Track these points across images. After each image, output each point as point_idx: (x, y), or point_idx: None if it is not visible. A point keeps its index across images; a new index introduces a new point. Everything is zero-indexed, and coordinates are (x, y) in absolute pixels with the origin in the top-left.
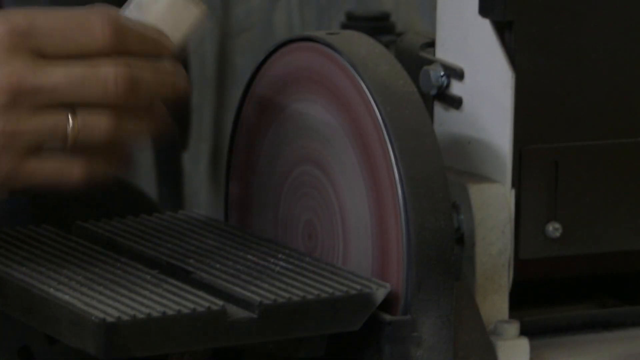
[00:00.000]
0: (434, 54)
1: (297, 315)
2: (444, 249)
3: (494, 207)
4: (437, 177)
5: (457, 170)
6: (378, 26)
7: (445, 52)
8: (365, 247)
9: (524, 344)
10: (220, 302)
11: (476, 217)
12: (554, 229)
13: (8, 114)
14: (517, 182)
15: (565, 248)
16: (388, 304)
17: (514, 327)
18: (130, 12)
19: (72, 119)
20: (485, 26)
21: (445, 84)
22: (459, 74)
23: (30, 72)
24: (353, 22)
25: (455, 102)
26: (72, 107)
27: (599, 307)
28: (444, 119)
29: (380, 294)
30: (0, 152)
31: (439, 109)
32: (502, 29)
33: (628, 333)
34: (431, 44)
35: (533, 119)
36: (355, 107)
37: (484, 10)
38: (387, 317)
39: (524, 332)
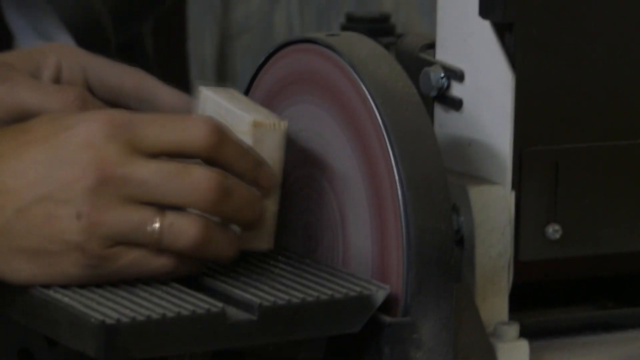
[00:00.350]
0: (434, 56)
1: (296, 317)
2: (444, 250)
3: (494, 208)
4: (437, 179)
5: (457, 172)
6: (378, 27)
7: (445, 53)
8: (365, 248)
9: (523, 346)
10: (220, 304)
11: (476, 219)
12: (554, 230)
13: (94, 199)
14: (517, 183)
15: (565, 250)
16: (388, 305)
17: (513, 329)
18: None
19: (160, 219)
20: (485, 28)
21: (445, 85)
22: (459, 76)
23: (123, 161)
24: (353, 23)
25: (456, 104)
26: (160, 206)
27: (598, 309)
28: (444, 121)
29: (380, 296)
30: (87, 238)
31: (439, 110)
32: (503, 31)
33: (628, 335)
34: (431, 46)
35: (533, 120)
36: (355, 108)
37: (484, 12)
38: (387, 318)
39: (523, 334)
